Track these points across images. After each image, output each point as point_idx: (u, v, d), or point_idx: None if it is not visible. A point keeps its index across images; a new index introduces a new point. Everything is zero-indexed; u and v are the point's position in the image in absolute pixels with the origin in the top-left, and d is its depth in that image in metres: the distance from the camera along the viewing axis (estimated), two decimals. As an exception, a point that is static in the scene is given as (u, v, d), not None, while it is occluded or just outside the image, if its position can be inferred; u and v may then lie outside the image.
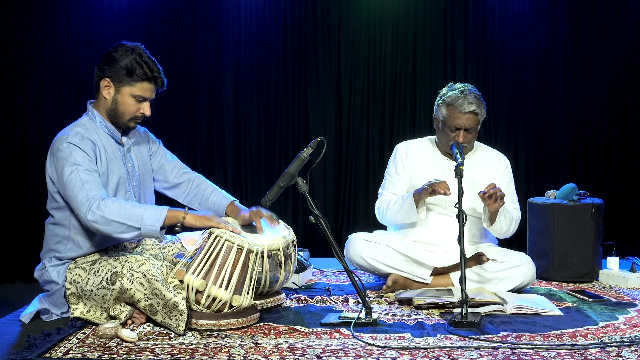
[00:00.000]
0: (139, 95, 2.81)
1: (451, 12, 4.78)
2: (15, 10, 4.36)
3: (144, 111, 2.85)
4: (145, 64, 2.79)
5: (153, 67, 2.81)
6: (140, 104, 2.83)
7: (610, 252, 3.86)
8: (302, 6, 4.73)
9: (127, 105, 2.82)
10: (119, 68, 2.78)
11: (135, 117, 2.86)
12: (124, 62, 2.77)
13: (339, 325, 2.75)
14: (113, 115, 2.85)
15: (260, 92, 4.75)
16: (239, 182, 4.75)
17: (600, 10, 4.78)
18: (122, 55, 2.78)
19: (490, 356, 2.40)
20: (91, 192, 2.65)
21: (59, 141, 2.76)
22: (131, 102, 2.82)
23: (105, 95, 2.82)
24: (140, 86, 2.80)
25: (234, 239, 2.69)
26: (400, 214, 3.36)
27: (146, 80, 2.80)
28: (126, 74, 2.78)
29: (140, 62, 2.78)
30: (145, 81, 2.80)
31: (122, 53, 2.79)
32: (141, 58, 2.79)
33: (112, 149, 2.86)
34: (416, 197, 3.27)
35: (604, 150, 4.83)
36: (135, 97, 2.81)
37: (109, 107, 2.84)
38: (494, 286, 3.30)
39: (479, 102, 3.32)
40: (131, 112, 2.84)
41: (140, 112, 2.84)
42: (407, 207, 3.31)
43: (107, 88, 2.81)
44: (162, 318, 2.63)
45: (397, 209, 3.36)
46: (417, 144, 3.58)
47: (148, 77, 2.80)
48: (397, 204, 3.37)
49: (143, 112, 2.85)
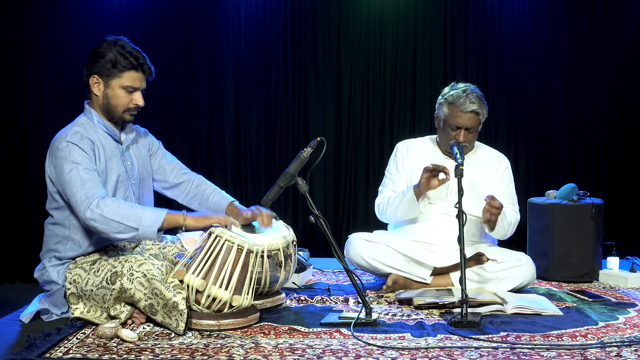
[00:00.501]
0: (128, 86, 2.82)
1: (451, 12, 4.78)
2: (15, 10, 4.37)
3: (136, 102, 2.85)
4: (129, 54, 2.80)
5: (138, 56, 2.82)
6: (131, 94, 2.84)
7: (610, 252, 3.86)
8: (302, 6, 4.73)
9: (118, 98, 2.82)
10: (104, 62, 2.79)
11: (129, 109, 2.86)
12: (109, 56, 2.78)
13: (339, 325, 2.75)
14: (107, 111, 2.85)
15: (260, 92, 4.75)
16: (239, 182, 4.75)
17: (600, 10, 4.78)
18: (105, 49, 2.80)
19: (490, 356, 2.40)
20: (90, 190, 2.65)
21: (57, 141, 2.76)
22: (122, 94, 2.82)
23: (96, 92, 2.83)
24: (128, 76, 2.81)
25: (234, 239, 2.69)
26: (401, 209, 3.36)
27: (132, 69, 2.81)
28: (112, 67, 2.79)
29: (124, 52, 2.80)
30: (132, 70, 2.81)
31: (105, 47, 2.80)
32: (124, 49, 2.80)
33: (111, 148, 2.86)
34: (416, 190, 3.27)
35: (604, 150, 4.83)
36: (125, 89, 2.82)
37: (101, 103, 2.84)
38: (494, 286, 3.30)
39: (480, 102, 3.32)
40: (124, 104, 2.84)
41: (133, 103, 2.84)
42: (407, 201, 3.30)
43: (97, 84, 2.82)
44: (162, 318, 2.63)
45: (397, 204, 3.36)
46: (418, 143, 3.58)
47: (134, 66, 2.81)
48: (397, 199, 3.36)
49: (136, 103, 2.85)
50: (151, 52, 2.90)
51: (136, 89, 2.84)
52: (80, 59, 4.43)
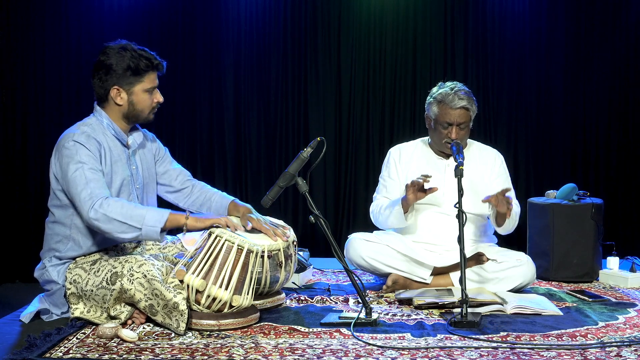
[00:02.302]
0: (150, 88, 2.86)
1: (451, 12, 4.78)
2: (15, 10, 4.37)
3: (158, 99, 2.91)
4: (142, 57, 2.82)
5: (150, 56, 2.85)
6: (153, 95, 2.89)
7: (610, 252, 3.86)
8: (302, 6, 4.73)
9: (143, 102, 2.86)
10: (122, 72, 2.80)
11: (153, 109, 2.92)
12: (125, 64, 2.79)
13: (339, 325, 2.75)
14: (132, 116, 2.88)
15: (260, 92, 4.75)
16: (239, 182, 4.75)
17: (600, 10, 4.78)
18: (117, 59, 2.79)
19: (490, 356, 2.40)
20: (95, 190, 2.65)
21: (65, 139, 2.76)
22: (146, 97, 2.87)
23: (119, 102, 2.84)
24: (149, 78, 2.85)
25: (234, 239, 2.69)
26: (391, 220, 3.38)
27: (151, 69, 2.85)
28: (132, 74, 2.81)
29: (138, 57, 2.81)
30: (150, 71, 2.85)
31: (115, 57, 2.79)
32: (136, 52, 2.82)
33: (118, 151, 2.87)
34: (404, 203, 3.27)
35: (604, 150, 4.83)
36: (148, 91, 2.86)
37: (126, 111, 2.86)
38: (494, 286, 3.30)
39: (469, 97, 3.33)
40: (149, 106, 2.89)
41: (155, 102, 2.90)
42: (395, 213, 3.32)
43: (119, 95, 2.83)
44: (162, 318, 2.63)
45: (388, 215, 3.37)
46: (410, 147, 3.58)
47: (152, 67, 2.85)
48: (388, 209, 3.37)
49: (157, 101, 2.91)
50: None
51: (155, 87, 2.89)
52: (80, 59, 4.44)
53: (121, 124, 2.89)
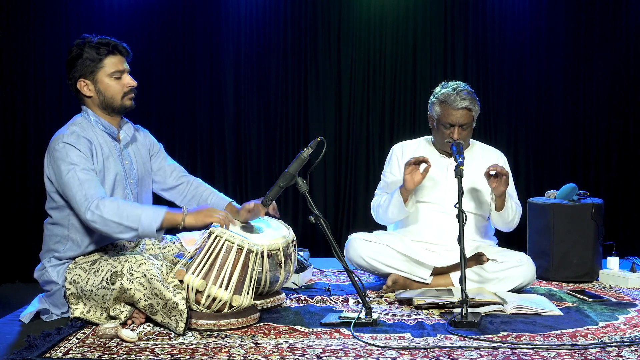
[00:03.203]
0: (114, 72, 2.83)
1: (451, 12, 4.78)
2: (15, 10, 4.37)
3: (129, 84, 2.87)
4: (99, 43, 2.82)
5: (108, 41, 2.84)
6: (120, 80, 2.85)
7: (610, 252, 3.86)
8: (302, 6, 4.73)
9: (110, 87, 2.83)
10: (82, 62, 2.80)
11: (126, 94, 2.87)
12: (85, 55, 2.80)
13: (339, 325, 2.75)
14: (107, 106, 2.86)
15: (260, 92, 4.75)
16: (239, 182, 4.75)
17: (600, 10, 4.78)
18: (77, 52, 2.81)
19: (490, 356, 2.40)
20: (89, 191, 2.65)
21: (55, 141, 2.76)
22: (112, 83, 2.83)
23: (89, 93, 2.84)
24: (109, 62, 2.82)
25: (234, 239, 2.68)
26: (390, 210, 3.36)
27: (109, 54, 2.82)
28: (91, 62, 2.81)
29: (95, 44, 2.82)
30: (109, 55, 2.82)
31: (76, 51, 2.82)
32: (93, 42, 2.82)
33: (109, 147, 2.86)
34: (403, 190, 3.27)
35: (604, 150, 4.83)
36: (112, 75, 2.83)
37: (98, 102, 2.85)
38: (494, 286, 3.30)
39: (472, 98, 3.33)
40: (118, 91, 2.85)
41: (126, 86, 2.86)
42: (395, 202, 3.31)
43: (86, 86, 2.83)
44: (162, 318, 2.63)
45: (387, 205, 3.36)
46: (413, 144, 3.58)
47: (109, 51, 2.82)
48: (387, 200, 3.37)
49: (129, 85, 2.87)
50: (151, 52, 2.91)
51: (122, 72, 2.85)
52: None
53: (106, 117, 2.88)
